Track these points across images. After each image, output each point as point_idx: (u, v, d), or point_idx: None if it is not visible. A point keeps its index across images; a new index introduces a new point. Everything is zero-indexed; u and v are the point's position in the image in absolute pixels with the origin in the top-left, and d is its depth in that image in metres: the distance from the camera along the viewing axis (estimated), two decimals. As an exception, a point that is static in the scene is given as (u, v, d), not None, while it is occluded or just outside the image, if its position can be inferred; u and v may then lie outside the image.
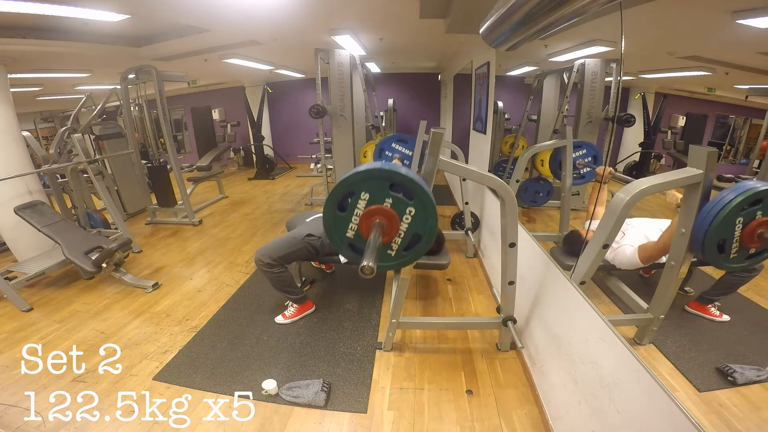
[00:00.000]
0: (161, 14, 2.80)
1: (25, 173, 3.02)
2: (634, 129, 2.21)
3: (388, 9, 2.81)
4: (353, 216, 1.26)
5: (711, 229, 1.12)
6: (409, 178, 1.22)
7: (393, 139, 3.32)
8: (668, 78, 2.00)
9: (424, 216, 1.26)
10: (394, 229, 1.27)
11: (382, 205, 1.24)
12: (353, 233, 1.29)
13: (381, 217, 1.24)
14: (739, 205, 1.09)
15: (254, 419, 1.60)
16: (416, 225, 1.28)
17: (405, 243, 1.31)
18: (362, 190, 1.24)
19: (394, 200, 1.24)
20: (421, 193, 1.24)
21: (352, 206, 1.25)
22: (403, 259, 1.35)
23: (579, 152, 2.39)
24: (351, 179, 1.23)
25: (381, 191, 1.24)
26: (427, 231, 1.29)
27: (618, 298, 1.64)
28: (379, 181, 1.23)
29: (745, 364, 1.21)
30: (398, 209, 1.25)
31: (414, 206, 1.25)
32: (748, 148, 1.66)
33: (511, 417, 1.60)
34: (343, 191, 1.25)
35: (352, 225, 1.28)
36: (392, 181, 1.23)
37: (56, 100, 6.50)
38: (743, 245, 1.15)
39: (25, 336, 2.25)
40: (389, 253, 1.33)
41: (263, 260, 2.11)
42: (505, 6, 1.33)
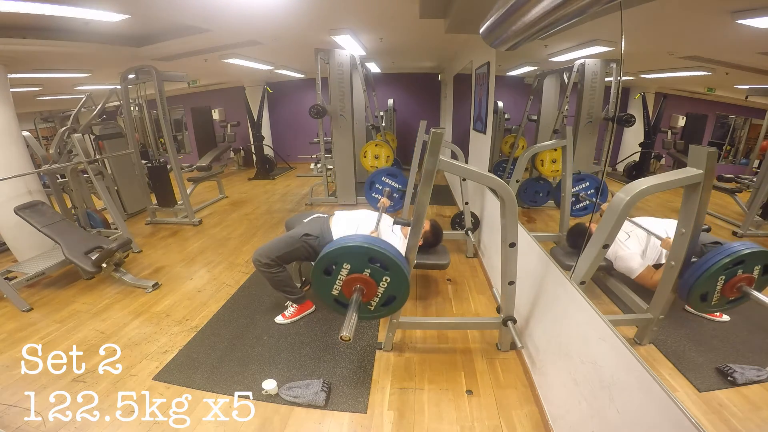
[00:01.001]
0: (161, 14, 2.80)
1: (25, 173, 3.02)
2: (634, 129, 2.22)
3: (388, 9, 2.81)
4: (337, 280, 1.50)
5: (695, 286, 1.26)
6: (384, 254, 1.45)
7: (383, 173, 3.38)
8: (668, 78, 2.00)
9: (398, 282, 1.50)
10: (372, 293, 1.51)
11: (362, 274, 1.47)
12: (338, 292, 1.53)
13: (360, 283, 1.48)
14: (723, 267, 1.23)
15: (254, 419, 1.60)
16: (391, 289, 1.52)
17: (382, 301, 1.56)
18: (344, 262, 1.47)
19: (372, 270, 1.47)
20: (394, 266, 1.47)
21: (336, 273, 1.49)
22: (382, 312, 1.61)
23: (581, 185, 2.45)
24: (334, 253, 1.46)
25: (361, 263, 1.46)
26: (401, 293, 1.55)
27: (618, 298, 1.64)
28: (359, 255, 1.45)
29: (745, 364, 1.21)
30: (376, 278, 1.48)
31: (389, 275, 1.48)
32: (748, 148, 1.67)
33: (511, 417, 1.60)
34: (328, 262, 1.48)
35: (336, 286, 1.51)
36: (370, 255, 1.45)
37: (56, 100, 6.50)
38: (724, 295, 1.29)
39: (25, 336, 2.25)
40: (369, 308, 1.57)
41: (261, 260, 2.12)
42: (505, 6, 1.33)
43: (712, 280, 1.25)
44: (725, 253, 1.23)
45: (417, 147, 3.20)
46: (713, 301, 1.29)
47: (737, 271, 1.24)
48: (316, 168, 7.15)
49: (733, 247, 1.24)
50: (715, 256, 1.24)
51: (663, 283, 1.34)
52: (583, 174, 2.43)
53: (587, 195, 2.42)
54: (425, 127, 3.11)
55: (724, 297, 1.29)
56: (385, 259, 1.45)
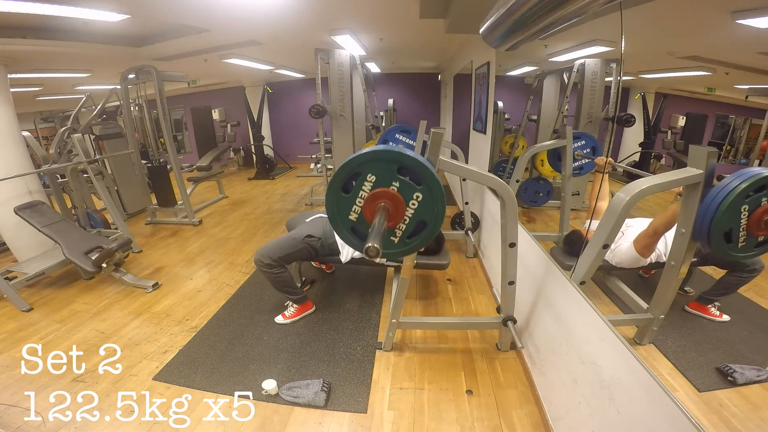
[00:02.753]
0: (161, 14, 2.79)
1: (25, 173, 3.01)
2: (634, 129, 2.21)
3: (388, 9, 2.81)
4: (358, 198, 1.21)
5: (716, 218, 1.08)
6: (418, 162, 1.18)
7: (396, 130, 3.27)
8: (668, 78, 1.99)
9: (432, 202, 1.21)
10: (399, 215, 1.22)
11: (389, 189, 1.19)
12: (356, 216, 1.24)
13: (387, 200, 1.19)
14: (744, 192, 1.05)
15: (254, 419, 1.60)
16: (423, 211, 1.22)
17: (410, 230, 1.26)
18: (369, 172, 1.18)
19: (401, 184, 1.19)
20: (430, 179, 1.19)
21: (357, 188, 1.20)
22: (407, 247, 1.30)
23: (578, 143, 2.37)
24: (358, 159, 1.18)
25: (388, 174, 1.19)
26: (433, 218, 1.24)
27: (618, 298, 1.64)
28: (387, 163, 1.18)
29: (745, 364, 1.21)
30: (405, 194, 1.20)
31: (422, 192, 1.20)
32: (748, 148, 1.66)
33: (511, 417, 1.60)
34: (350, 171, 1.20)
35: (355, 207, 1.23)
36: (401, 164, 1.18)
37: (56, 100, 6.50)
38: (750, 233, 1.11)
39: (25, 336, 2.25)
40: (392, 239, 1.28)
41: (263, 261, 2.11)
42: (505, 6, 1.33)
43: (734, 211, 1.07)
44: (743, 177, 1.06)
45: (417, 147, 3.20)
46: (740, 242, 1.11)
47: (761, 199, 1.07)
48: (316, 168, 7.14)
49: (752, 171, 1.07)
50: (732, 181, 1.07)
51: (663, 283, 1.34)
52: (579, 132, 2.38)
53: (583, 153, 2.38)
54: (425, 127, 3.11)
55: (751, 237, 1.11)
56: (418, 168, 1.17)
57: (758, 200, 1.07)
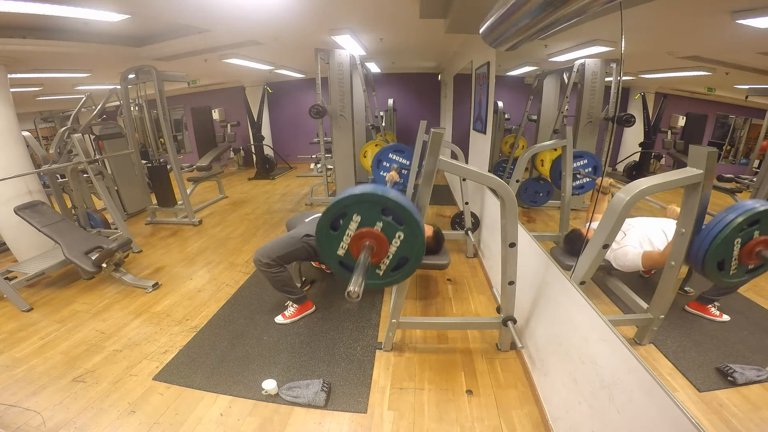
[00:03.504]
0: (161, 14, 2.79)
1: (25, 173, 3.01)
2: (634, 129, 2.21)
3: (388, 9, 2.81)
4: (345, 236, 1.33)
5: (710, 250, 1.14)
6: (400, 205, 1.28)
7: (390, 150, 3.34)
8: (668, 78, 2.00)
9: (413, 241, 1.33)
10: (383, 251, 1.34)
11: (373, 228, 1.31)
12: (344, 251, 1.36)
13: (371, 239, 1.31)
14: (738, 227, 1.11)
15: (254, 419, 1.61)
16: (405, 249, 1.35)
17: (393, 264, 1.39)
18: (354, 212, 1.30)
19: (384, 224, 1.31)
20: (410, 220, 1.30)
21: (344, 227, 1.32)
22: (391, 279, 1.43)
23: (580, 162, 2.41)
24: (344, 201, 1.29)
25: (373, 214, 1.30)
26: (414, 254, 1.37)
27: (618, 298, 1.64)
28: (371, 204, 1.29)
29: (745, 364, 1.21)
30: (388, 233, 1.32)
31: (403, 231, 1.32)
32: (748, 148, 1.67)
33: (511, 417, 1.60)
34: (337, 212, 1.31)
35: (343, 244, 1.34)
36: (384, 206, 1.29)
37: (56, 100, 6.51)
38: (742, 262, 1.17)
39: (25, 336, 2.25)
40: (377, 272, 1.40)
41: (262, 260, 2.12)
42: (505, 6, 1.33)
43: (728, 243, 1.12)
44: (738, 211, 1.11)
45: (417, 147, 3.20)
46: (732, 270, 1.17)
47: (753, 232, 1.12)
48: (316, 168, 7.15)
49: (747, 205, 1.11)
50: (728, 215, 1.11)
51: (663, 283, 1.34)
52: (581, 151, 2.40)
53: (585, 173, 2.39)
54: (425, 127, 3.11)
55: (742, 265, 1.16)
56: (400, 210, 1.29)
57: (751, 233, 1.13)
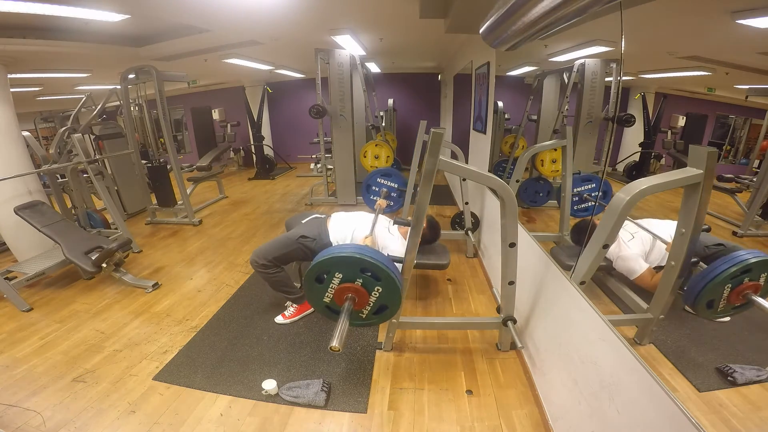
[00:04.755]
0: (161, 14, 2.80)
1: (25, 173, 3.01)
2: (634, 129, 2.21)
3: (388, 9, 2.81)
4: (329, 288, 1.49)
5: (702, 293, 1.26)
6: (377, 266, 1.43)
7: (378, 174, 3.36)
8: (668, 78, 1.99)
9: (390, 293, 1.49)
10: (363, 302, 1.50)
11: (353, 284, 1.46)
12: (329, 300, 1.52)
13: (352, 293, 1.47)
14: (731, 275, 1.22)
15: (254, 419, 1.60)
16: (383, 299, 1.51)
17: (374, 310, 1.55)
18: (336, 271, 1.45)
19: (363, 280, 1.46)
20: (386, 277, 1.45)
21: (328, 281, 1.48)
22: (372, 321, 1.60)
23: (587, 185, 2.44)
24: (327, 262, 1.44)
25: (352, 272, 1.45)
26: (392, 303, 1.54)
27: (618, 298, 1.64)
28: (351, 265, 1.44)
29: (745, 364, 1.21)
30: (367, 287, 1.47)
31: (381, 285, 1.47)
32: (748, 148, 1.67)
33: (511, 417, 1.60)
34: (319, 271, 1.46)
35: (328, 294, 1.50)
36: (362, 266, 1.43)
37: (56, 100, 6.51)
38: (729, 303, 1.28)
39: (25, 336, 2.25)
40: (361, 315, 1.57)
41: (258, 261, 2.12)
42: (505, 6, 1.33)
43: (719, 288, 1.24)
44: (733, 262, 1.22)
45: (417, 147, 3.20)
46: (719, 308, 1.30)
47: (744, 279, 1.24)
48: (316, 168, 7.15)
49: (741, 256, 1.23)
50: (723, 265, 1.23)
51: (663, 283, 1.34)
52: (588, 175, 2.42)
53: (592, 196, 2.40)
54: (425, 127, 3.11)
55: (729, 304, 1.29)
56: (376, 269, 1.44)
57: (741, 279, 1.24)
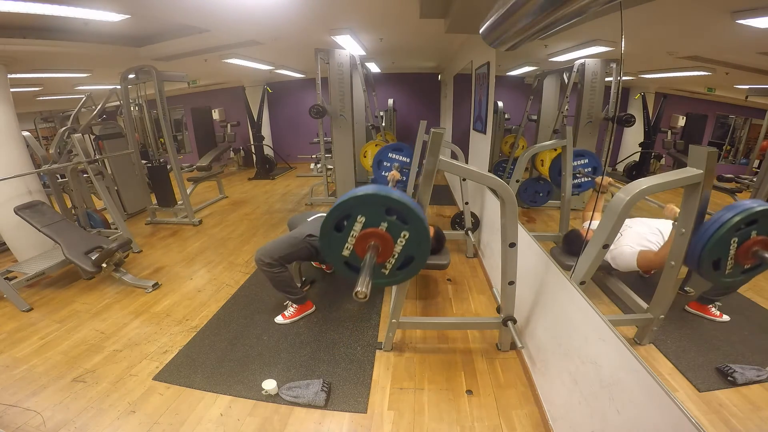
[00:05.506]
0: (161, 14, 2.79)
1: (25, 173, 3.01)
2: (634, 129, 2.21)
3: (388, 9, 2.81)
4: (349, 237, 1.32)
5: (707, 249, 1.14)
6: (404, 204, 1.28)
7: (389, 149, 3.35)
8: (668, 78, 2.00)
9: (418, 240, 1.33)
10: (388, 251, 1.33)
11: (378, 229, 1.30)
12: (349, 252, 1.35)
13: (376, 239, 1.30)
14: (735, 226, 1.11)
15: (254, 419, 1.60)
16: (410, 248, 1.35)
17: (399, 263, 1.38)
18: (359, 214, 1.30)
19: (389, 224, 1.30)
20: (415, 219, 1.30)
21: (348, 228, 1.31)
22: (397, 278, 1.43)
23: (580, 161, 2.40)
24: (348, 203, 1.29)
25: (377, 215, 1.30)
26: (420, 254, 1.36)
27: (618, 298, 1.64)
28: (375, 205, 1.29)
29: (745, 364, 1.21)
30: (393, 233, 1.31)
31: (408, 230, 1.31)
32: (748, 148, 1.67)
33: (511, 417, 1.60)
34: (341, 213, 1.31)
35: (347, 245, 1.34)
36: (388, 206, 1.29)
37: (56, 100, 6.50)
38: (738, 262, 1.17)
39: (25, 336, 2.25)
40: (383, 271, 1.40)
41: (263, 260, 2.11)
42: (505, 6, 1.33)
43: (724, 243, 1.12)
44: (735, 210, 1.10)
45: (417, 147, 3.20)
46: (727, 270, 1.17)
47: (750, 232, 1.11)
48: (316, 168, 7.14)
49: (744, 204, 1.11)
50: (725, 215, 1.11)
51: (663, 283, 1.34)
52: (582, 150, 2.39)
53: (585, 172, 2.39)
54: (425, 127, 3.11)
55: (738, 265, 1.16)
56: (404, 210, 1.29)
57: (748, 233, 1.12)
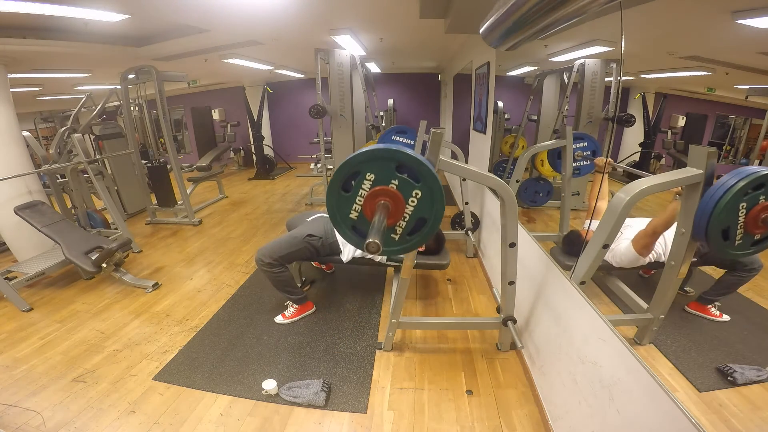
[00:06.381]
0: (161, 14, 2.79)
1: (25, 173, 3.01)
2: (634, 129, 2.21)
3: (388, 9, 2.81)
4: (358, 197, 1.23)
5: (714, 215, 1.08)
6: (416, 160, 1.19)
7: (392, 132, 3.30)
8: (668, 78, 1.99)
9: (431, 200, 1.23)
10: (399, 212, 1.24)
11: (388, 187, 1.21)
12: (357, 215, 1.26)
13: (386, 198, 1.21)
14: (742, 190, 1.06)
15: (254, 419, 1.60)
16: (422, 208, 1.25)
17: (410, 227, 1.28)
18: (368, 171, 1.21)
19: (400, 182, 1.21)
20: (428, 176, 1.21)
21: (357, 187, 1.23)
22: (408, 244, 1.32)
23: (579, 144, 2.37)
24: (357, 159, 1.20)
25: (387, 172, 1.21)
26: (433, 215, 1.25)
27: (618, 298, 1.64)
28: (385, 161, 1.20)
29: (745, 364, 1.21)
30: (404, 191, 1.22)
31: (420, 189, 1.22)
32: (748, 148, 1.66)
33: (511, 417, 1.60)
34: (349, 170, 1.22)
35: (355, 206, 1.25)
36: (399, 162, 1.20)
37: (56, 100, 6.50)
38: (747, 231, 1.12)
39: (25, 336, 2.25)
40: (393, 237, 1.30)
41: (264, 260, 2.11)
42: (505, 6, 1.33)
43: (732, 208, 1.08)
44: (741, 175, 1.07)
45: (417, 147, 3.20)
46: (737, 240, 1.12)
47: (759, 197, 1.08)
48: (316, 168, 7.15)
49: (750, 169, 1.08)
50: (731, 179, 1.07)
51: (663, 283, 1.34)
52: (580, 133, 2.37)
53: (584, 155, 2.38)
54: (425, 127, 3.11)
55: (748, 235, 1.12)
56: (417, 166, 1.19)
57: (756, 198, 1.08)
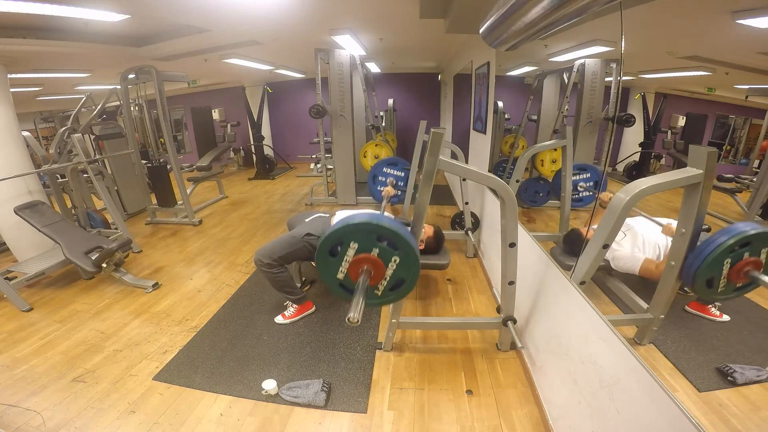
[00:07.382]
0: (161, 14, 2.79)
1: (25, 173, 3.01)
2: (634, 129, 2.22)
3: (388, 9, 2.81)
4: (343, 261, 1.40)
5: (701, 269, 1.19)
6: (394, 232, 1.35)
7: (383, 164, 3.36)
8: (668, 78, 2.00)
9: (407, 264, 1.41)
10: (380, 275, 1.42)
11: (370, 254, 1.38)
12: (343, 275, 1.43)
13: (368, 264, 1.39)
14: (729, 248, 1.15)
15: (254, 419, 1.60)
16: (401, 271, 1.43)
17: (390, 285, 1.46)
18: (351, 240, 1.37)
19: (380, 250, 1.38)
20: (404, 245, 1.37)
21: (342, 253, 1.39)
22: (389, 298, 1.51)
23: (582, 175, 2.43)
24: (341, 231, 1.36)
25: (369, 242, 1.37)
26: (410, 276, 1.44)
27: (618, 298, 1.64)
28: (367, 233, 1.36)
29: (745, 364, 1.21)
30: (384, 258, 1.39)
31: (398, 255, 1.39)
32: (748, 148, 1.67)
33: (511, 417, 1.60)
34: (335, 241, 1.38)
35: (342, 269, 1.42)
36: (379, 234, 1.37)
37: (56, 100, 6.51)
38: (730, 281, 1.21)
39: (25, 336, 2.25)
40: (376, 293, 1.48)
41: (263, 260, 2.12)
42: (505, 6, 1.33)
43: (717, 263, 1.17)
44: (730, 234, 1.15)
45: (417, 147, 3.20)
46: (720, 288, 1.21)
47: (743, 254, 1.16)
48: (316, 168, 7.15)
49: (738, 228, 1.16)
50: (719, 237, 1.15)
51: (663, 282, 1.34)
52: (585, 164, 2.41)
53: (587, 186, 2.40)
54: (425, 127, 3.11)
55: (731, 283, 1.21)
56: (394, 237, 1.36)
57: (741, 254, 1.17)
